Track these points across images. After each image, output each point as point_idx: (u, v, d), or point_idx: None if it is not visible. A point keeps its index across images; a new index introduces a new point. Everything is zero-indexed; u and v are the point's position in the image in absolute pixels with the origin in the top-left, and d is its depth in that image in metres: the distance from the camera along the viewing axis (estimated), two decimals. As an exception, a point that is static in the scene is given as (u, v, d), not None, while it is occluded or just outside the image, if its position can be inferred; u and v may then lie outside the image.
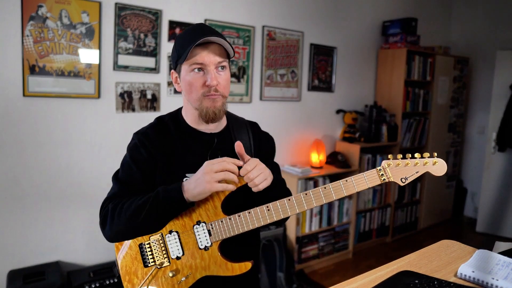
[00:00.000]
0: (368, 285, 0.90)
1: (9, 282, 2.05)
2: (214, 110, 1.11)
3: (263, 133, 1.32)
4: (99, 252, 2.44)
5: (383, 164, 1.04)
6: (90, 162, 2.36)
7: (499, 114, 3.89)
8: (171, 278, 1.09)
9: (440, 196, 4.34)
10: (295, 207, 1.05)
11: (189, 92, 1.12)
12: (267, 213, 1.07)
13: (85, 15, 2.25)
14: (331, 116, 3.60)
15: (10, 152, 2.13)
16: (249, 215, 1.08)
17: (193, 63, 1.08)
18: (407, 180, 1.03)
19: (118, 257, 1.15)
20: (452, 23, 4.75)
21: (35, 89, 2.15)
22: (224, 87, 1.12)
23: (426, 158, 1.02)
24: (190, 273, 1.09)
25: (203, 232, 1.09)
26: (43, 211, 2.25)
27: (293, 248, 3.02)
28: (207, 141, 1.17)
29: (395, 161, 1.03)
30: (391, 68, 3.78)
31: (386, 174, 1.03)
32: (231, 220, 1.08)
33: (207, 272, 1.08)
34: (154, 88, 2.55)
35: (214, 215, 1.09)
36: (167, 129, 1.17)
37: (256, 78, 3.05)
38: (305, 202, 1.05)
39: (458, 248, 1.15)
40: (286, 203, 1.06)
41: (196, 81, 1.09)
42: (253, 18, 2.96)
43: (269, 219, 1.07)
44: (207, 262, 1.09)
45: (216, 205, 1.10)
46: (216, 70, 1.10)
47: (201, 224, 1.09)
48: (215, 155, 1.15)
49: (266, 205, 1.06)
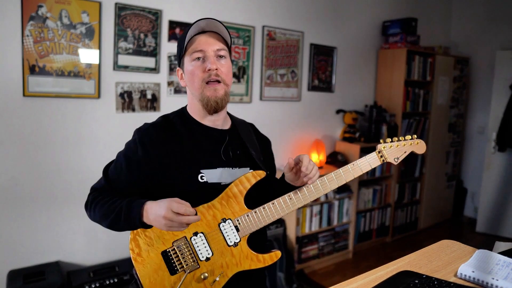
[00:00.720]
0: (368, 285, 0.90)
1: (9, 282, 2.05)
2: (215, 99, 1.12)
3: (262, 135, 1.35)
4: (99, 252, 2.44)
5: (379, 147, 1.18)
6: (90, 162, 2.36)
7: (499, 114, 3.89)
8: (204, 281, 1.06)
9: (440, 196, 4.34)
10: (314, 192, 1.14)
11: (191, 81, 1.13)
12: (290, 202, 1.12)
13: (85, 15, 2.25)
14: (331, 116, 3.60)
15: (10, 152, 2.13)
16: (273, 206, 1.11)
17: (193, 52, 1.11)
18: (398, 159, 1.19)
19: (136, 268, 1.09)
20: (452, 23, 4.75)
21: (35, 89, 2.15)
22: (225, 74, 1.14)
23: (410, 140, 1.21)
24: (222, 272, 1.07)
25: (230, 229, 1.09)
26: (43, 211, 2.25)
27: (293, 248, 3.01)
28: (218, 138, 1.18)
29: (388, 144, 1.18)
30: (391, 68, 3.78)
31: (383, 156, 1.18)
32: (257, 213, 1.10)
33: (239, 268, 1.08)
34: (154, 88, 2.55)
35: (239, 210, 1.10)
36: (173, 125, 1.17)
37: (256, 78, 3.05)
38: (321, 187, 1.14)
39: (458, 248, 1.15)
40: (305, 190, 1.13)
41: (197, 68, 1.11)
42: (253, 18, 2.96)
43: (292, 207, 1.12)
44: (237, 258, 1.09)
45: (239, 201, 1.10)
46: (216, 58, 1.12)
47: (227, 221, 1.09)
48: (227, 151, 1.17)
49: (288, 195, 1.12)
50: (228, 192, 1.10)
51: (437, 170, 4.22)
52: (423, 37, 4.06)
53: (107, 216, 1.07)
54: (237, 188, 1.10)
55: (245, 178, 1.11)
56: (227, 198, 1.10)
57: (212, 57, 1.11)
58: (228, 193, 1.10)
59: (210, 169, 1.12)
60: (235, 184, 1.10)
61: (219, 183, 1.12)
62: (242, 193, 1.10)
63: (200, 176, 1.10)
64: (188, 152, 1.12)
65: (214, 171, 1.12)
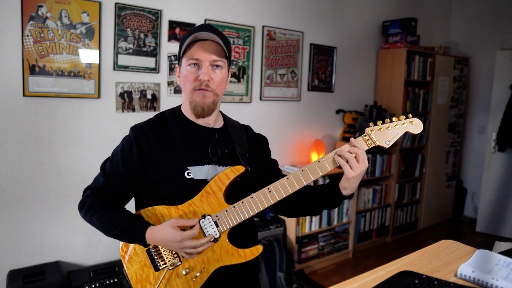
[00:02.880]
0: (368, 285, 0.90)
1: (9, 282, 2.05)
2: (202, 106, 1.13)
3: (257, 134, 1.35)
4: (99, 252, 2.44)
5: (366, 131, 1.11)
6: (90, 162, 2.36)
7: (499, 114, 3.89)
8: (185, 276, 1.09)
9: (440, 196, 4.34)
10: (295, 184, 1.10)
11: (184, 84, 1.16)
12: (269, 195, 1.10)
13: (85, 15, 2.25)
14: (331, 116, 3.60)
15: (10, 152, 2.13)
16: (252, 199, 1.10)
17: (190, 58, 1.12)
18: (390, 142, 1.11)
19: (125, 266, 1.13)
20: (452, 23, 4.75)
21: (35, 89, 2.15)
22: (217, 84, 1.14)
23: (403, 120, 1.12)
24: (203, 268, 1.09)
25: (210, 225, 1.10)
26: (43, 211, 2.25)
27: (293, 248, 3.02)
28: (208, 135, 1.19)
29: (376, 127, 1.11)
30: (391, 68, 3.78)
31: (371, 139, 1.10)
32: (235, 208, 1.10)
33: (220, 263, 1.09)
34: (154, 88, 2.55)
35: (218, 206, 1.11)
36: (167, 123, 1.19)
37: (256, 78, 3.05)
38: (303, 177, 1.10)
39: (458, 248, 1.15)
40: (285, 181, 1.10)
41: (190, 74, 1.13)
42: (253, 18, 2.96)
43: (272, 200, 1.10)
44: (218, 253, 1.09)
45: (219, 197, 1.11)
46: (211, 68, 1.13)
47: (206, 218, 1.10)
48: (215, 149, 1.18)
49: (267, 187, 1.10)
50: (207, 189, 1.11)
51: (437, 170, 4.22)
52: (423, 37, 4.07)
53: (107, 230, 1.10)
54: (216, 184, 1.11)
55: (223, 174, 1.12)
56: (207, 194, 1.11)
57: (207, 67, 1.12)
58: (207, 190, 1.11)
59: (197, 166, 1.14)
60: (214, 180, 1.12)
61: (205, 180, 1.13)
62: (221, 189, 1.11)
63: (187, 173, 1.12)
64: (177, 149, 1.14)
65: (201, 168, 1.14)
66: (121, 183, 1.13)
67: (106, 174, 1.15)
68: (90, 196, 1.14)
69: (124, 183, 1.13)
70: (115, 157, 1.16)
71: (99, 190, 1.15)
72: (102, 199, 1.13)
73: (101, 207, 1.11)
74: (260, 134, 1.36)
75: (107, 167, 1.16)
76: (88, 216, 1.12)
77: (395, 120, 1.12)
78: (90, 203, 1.12)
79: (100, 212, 1.10)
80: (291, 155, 3.34)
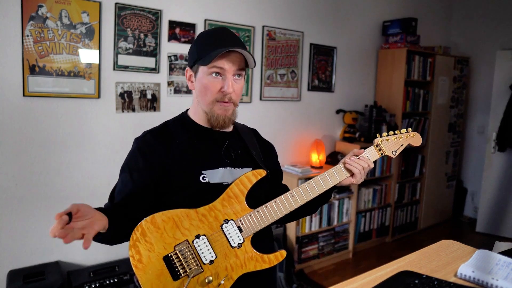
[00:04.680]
0: (368, 285, 0.90)
1: (9, 282, 2.05)
2: (224, 118, 1.12)
3: (265, 140, 1.35)
4: (99, 252, 2.44)
5: (376, 141, 1.19)
6: (90, 162, 2.36)
7: (499, 114, 3.89)
8: (208, 284, 1.03)
9: (440, 196, 4.34)
10: (315, 188, 1.13)
11: (203, 94, 1.11)
12: (292, 199, 1.11)
13: (85, 15, 2.25)
14: (331, 116, 3.60)
15: (10, 152, 2.13)
16: (275, 204, 1.10)
17: (213, 66, 1.06)
18: (396, 152, 1.21)
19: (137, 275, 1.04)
20: (452, 23, 4.75)
21: (35, 89, 2.15)
22: (237, 95, 1.13)
23: (406, 133, 1.23)
24: (227, 275, 1.04)
25: (233, 230, 1.07)
26: (43, 211, 2.25)
27: (293, 248, 3.01)
28: (219, 139, 1.17)
29: (385, 138, 1.20)
30: (391, 68, 3.78)
31: (382, 149, 1.19)
32: (259, 212, 1.08)
33: (244, 269, 1.06)
34: (154, 88, 2.55)
35: (241, 210, 1.08)
36: (172, 131, 1.16)
37: (256, 78, 3.05)
38: (322, 182, 1.14)
39: (458, 248, 1.15)
40: (307, 186, 1.13)
41: (213, 85, 1.08)
42: (253, 18, 2.96)
43: (295, 204, 1.11)
44: (242, 259, 1.06)
45: (241, 201, 1.08)
46: (233, 77, 1.09)
47: (229, 222, 1.07)
48: (228, 151, 1.16)
49: (290, 192, 1.11)
50: (229, 193, 1.08)
51: (437, 170, 4.22)
52: (423, 37, 4.06)
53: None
54: (237, 188, 1.09)
55: (245, 178, 1.09)
56: (228, 198, 1.08)
57: (230, 79, 1.08)
58: (229, 193, 1.08)
59: (212, 169, 1.11)
60: (235, 184, 1.09)
61: (221, 183, 1.11)
62: (243, 192, 1.08)
63: (202, 177, 1.09)
64: (188, 155, 1.11)
65: (216, 171, 1.12)
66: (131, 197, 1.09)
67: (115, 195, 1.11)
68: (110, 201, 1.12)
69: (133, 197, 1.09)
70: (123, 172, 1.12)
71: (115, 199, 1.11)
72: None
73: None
74: (268, 141, 1.36)
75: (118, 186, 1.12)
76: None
77: (397, 132, 1.22)
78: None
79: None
80: (291, 155, 3.34)
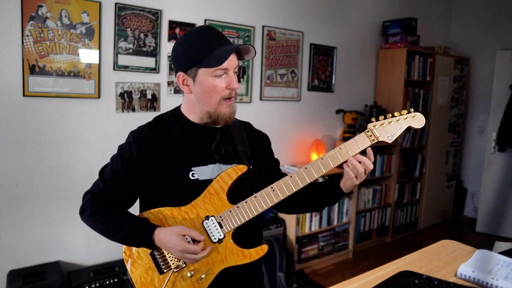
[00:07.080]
0: (368, 285, 0.90)
1: (9, 282, 2.05)
2: (230, 115, 1.14)
3: (258, 132, 1.34)
4: (99, 252, 2.44)
5: (369, 126, 1.09)
6: (90, 162, 2.36)
7: (499, 114, 3.89)
8: (190, 278, 1.08)
9: (440, 196, 4.34)
10: (298, 182, 1.09)
11: (208, 96, 1.10)
12: (273, 194, 1.09)
13: (85, 15, 2.25)
14: (331, 116, 3.60)
15: (10, 152, 2.13)
16: (255, 199, 1.09)
17: (218, 69, 1.07)
18: (393, 137, 1.10)
19: (129, 269, 1.13)
20: (452, 23, 4.75)
21: (35, 89, 2.15)
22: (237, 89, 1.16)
23: (406, 114, 1.10)
24: (208, 269, 1.08)
25: (213, 225, 1.09)
26: (43, 211, 2.25)
27: (293, 248, 3.01)
28: (210, 135, 1.18)
29: (379, 122, 1.10)
30: (391, 68, 3.78)
31: (374, 135, 1.09)
32: (239, 208, 1.09)
33: (225, 264, 1.09)
34: (154, 88, 2.55)
35: (221, 207, 1.10)
36: (167, 125, 1.17)
37: (256, 78, 3.05)
38: (306, 175, 1.08)
39: (458, 248, 1.15)
40: (289, 180, 1.09)
41: (219, 85, 1.09)
42: (253, 18, 2.96)
43: (276, 199, 1.09)
44: (223, 254, 1.09)
45: (221, 197, 1.10)
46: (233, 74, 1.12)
47: (210, 219, 1.09)
48: (219, 147, 1.17)
49: (271, 186, 1.10)
50: (210, 189, 1.10)
51: (437, 170, 4.22)
52: (423, 37, 4.06)
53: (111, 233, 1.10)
54: (218, 184, 1.10)
55: (226, 174, 1.11)
56: (209, 195, 1.10)
57: (234, 76, 1.11)
58: (210, 190, 1.10)
59: (201, 166, 1.13)
60: (216, 180, 1.11)
61: (211, 180, 1.12)
62: (224, 189, 1.10)
63: (191, 174, 1.11)
64: (180, 151, 1.13)
65: (205, 168, 1.13)
66: (122, 187, 1.12)
67: (106, 178, 1.14)
68: (91, 200, 1.13)
69: (124, 187, 1.12)
70: (114, 161, 1.15)
71: (99, 195, 1.13)
72: (104, 203, 1.12)
73: (104, 211, 1.10)
74: (261, 132, 1.35)
75: (107, 172, 1.15)
76: (92, 221, 1.11)
77: (397, 114, 1.11)
78: (91, 207, 1.11)
79: (104, 217, 1.09)
80: (291, 155, 3.34)
